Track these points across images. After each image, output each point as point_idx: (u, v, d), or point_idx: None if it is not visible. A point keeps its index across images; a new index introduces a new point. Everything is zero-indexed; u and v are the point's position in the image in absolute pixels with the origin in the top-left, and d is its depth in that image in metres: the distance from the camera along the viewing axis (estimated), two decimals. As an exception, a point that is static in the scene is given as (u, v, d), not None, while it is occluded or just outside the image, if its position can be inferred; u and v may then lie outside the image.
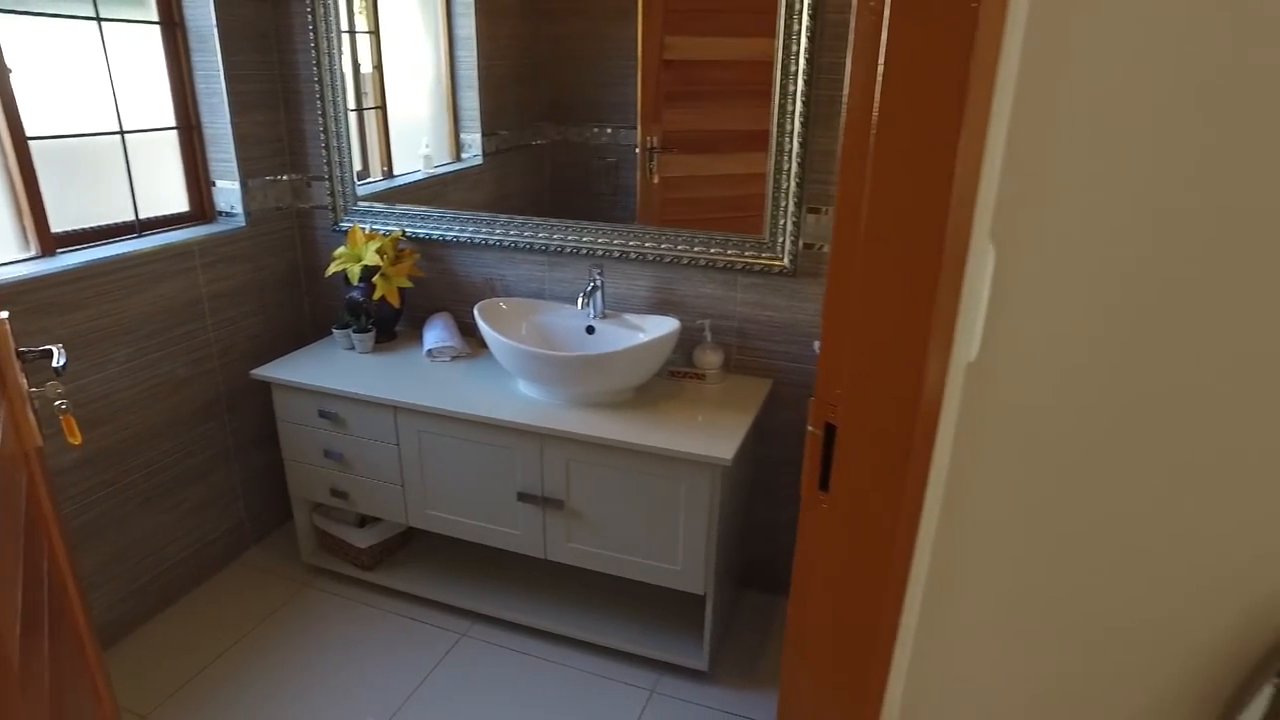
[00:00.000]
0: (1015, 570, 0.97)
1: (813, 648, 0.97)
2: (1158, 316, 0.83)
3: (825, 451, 0.87)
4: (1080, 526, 0.93)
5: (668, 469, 1.79)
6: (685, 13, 2.24)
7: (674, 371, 2.09)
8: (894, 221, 0.74)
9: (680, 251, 2.09)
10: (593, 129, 2.33)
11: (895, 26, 0.71)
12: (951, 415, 0.84)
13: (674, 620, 2.13)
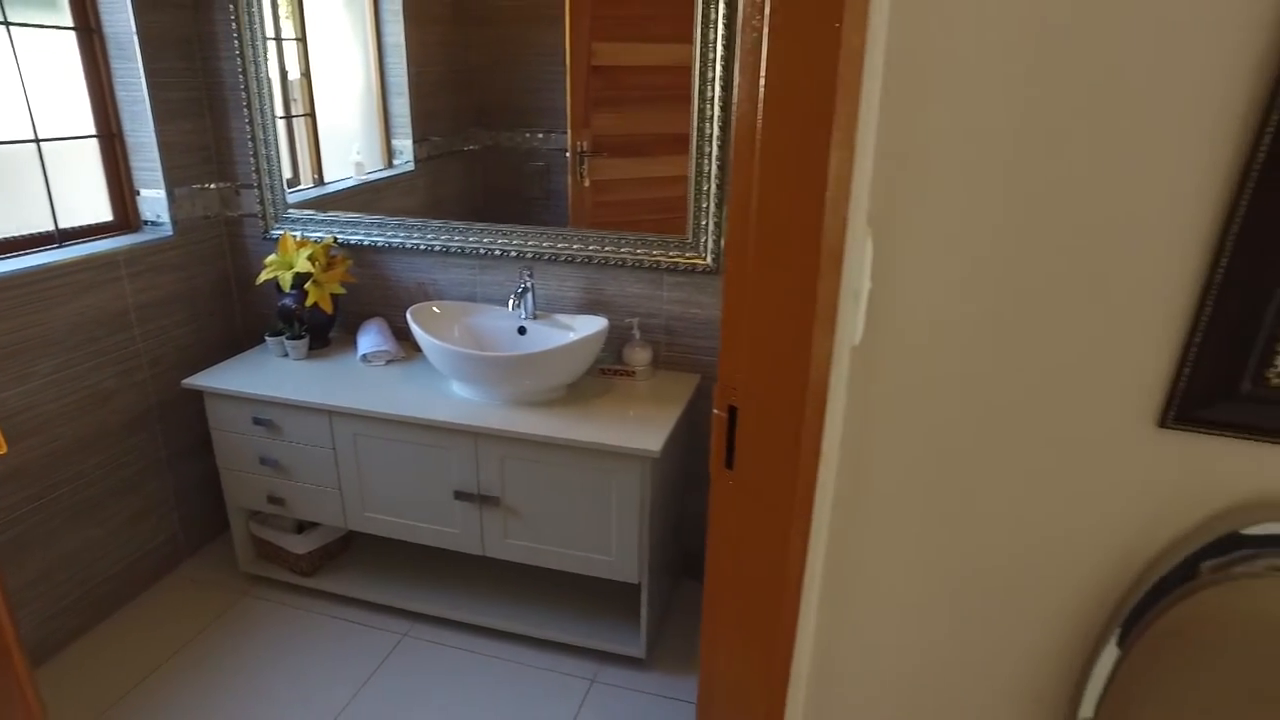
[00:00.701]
0: (906, 532, 1.06)
1: (726, 615, 1.05)
2: (1018, 297, 0.93)
3: (729, 432, 0.94)
4: (960, 492, 1.03)
5: (599, 463, 1.85)
6: (611, 19, 2.30)
7: (604, 369, 2.15)
8: (777, 219, 0.82)
9: (608, 252, 2.15)
10: (524, 134, 2.38)
11: (772, 44, 0.79)
12: (840, 393, 0.92)
13: (612, 610, 2.20)
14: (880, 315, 0.97)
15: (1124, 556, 1.02)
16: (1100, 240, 0.90)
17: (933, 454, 1.03)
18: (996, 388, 0.98)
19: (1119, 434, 0.97)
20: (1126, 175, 0.87)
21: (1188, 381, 0.92)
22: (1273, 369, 0.89)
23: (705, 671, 1.11)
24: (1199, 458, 0.95)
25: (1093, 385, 0.96)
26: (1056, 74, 0.85)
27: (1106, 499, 1.00)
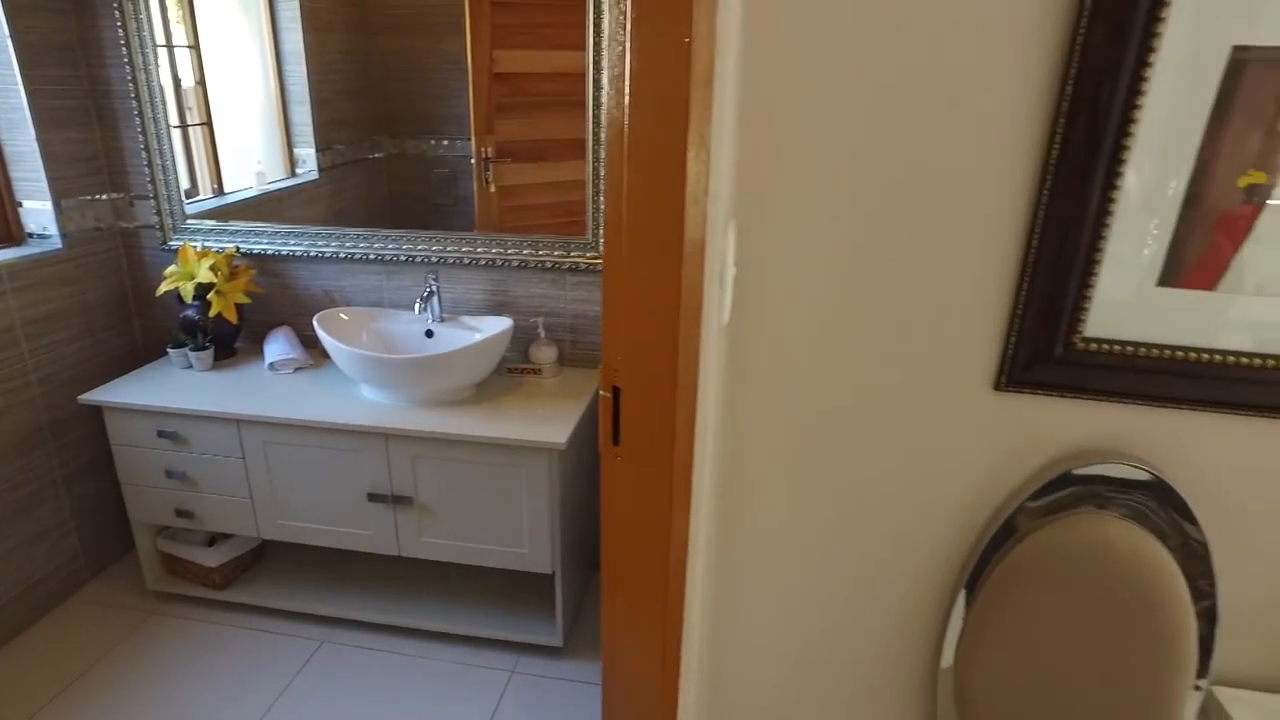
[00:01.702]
0: (781, 497, 1.17)
1: (621, 585, 1.12)
2: (869, 280, 1.05)
3: (614, 411, 1.02)
4: (825, 458, 1.14)
5: (508, 458, 1.91)
6: (510, 28, 2.36)
7: (512, 368, 2.21)
8: (644, 214, 0.90)
9: (512, 255, 2.22)
10: (430, 141, 2.41)
11: (634, 56, 0.87)
12: (714, 369, 1.02)
13: (529, 602, 2.25)
14: (748, 297, 1.07)
15: (972, 509, 1.15)
16: (937, 229, 1.02)
17: (800, 423, 1.13)
18: (854, 361, 1.09)
19: (962, 398, 1.09)
20: (955, 175, 0.99)
21: (1014, 349, 1.05)
22: (1078, 335, 1.03)
23: (605, 643, 1.19)
24: (1029, 415, 1.09)
25: (938, 356, 1.08)
26: (893, 86, 0.96)
27: (955, 457, 1.12)
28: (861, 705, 1.30)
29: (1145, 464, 1.06)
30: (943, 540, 1.18)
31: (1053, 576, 1.08)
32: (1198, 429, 1.06)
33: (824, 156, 1.01)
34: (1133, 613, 1.06)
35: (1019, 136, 0.96)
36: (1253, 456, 1.06)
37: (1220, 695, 1.14)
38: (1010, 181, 0.98)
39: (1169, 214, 0.97)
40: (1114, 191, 0.96)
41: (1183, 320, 1.01)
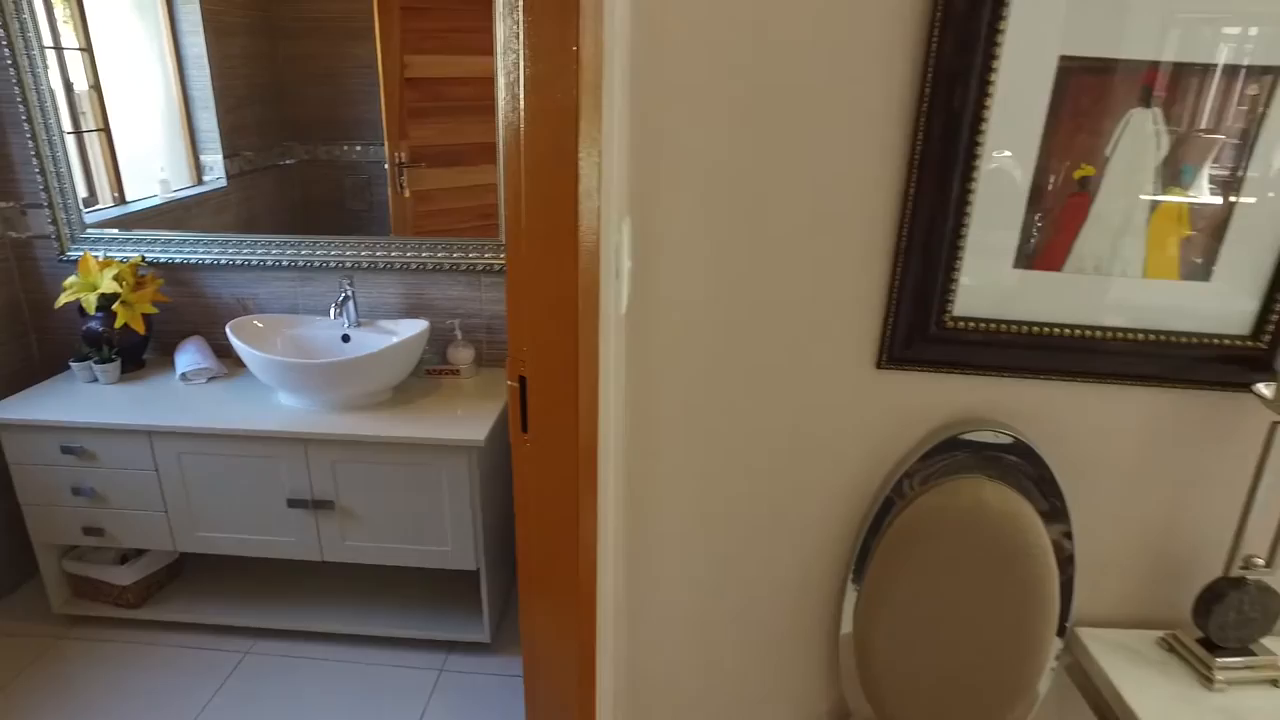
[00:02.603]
0: (686, 479, 1.23)
1: (535, 571, 1.17)
2: (759, 270, 1.12)
3: (521, 399, 1.07)
4: (726, 438, 1.21)
5: (428, 457, 1.93)
6: (420, 32, 2.37)
7: (430, 370, 2.23)
8: (541, 211, 0.96)
9: (427, 258, 2.24)
10: (343, 147, 2.40)
11: (527, 63, 0.93)
12: (614, 357, 1.08)
13: (455, 600, 2.28)
14: (645, 288, 1.14)
15: (862, 480, 1.24)
16: (817, 221, 1.10)
17: (698, 405, 1.21)
18: (747, 346, 1.17)
19: (848, 377, 1.18)
20: (832, 171, 1.08)
21: (893, 330, 1.14)
22: (948, 315, 1.12)
23: (524, 631, 1.23)
24: (909, 390, 1.18)
25: (824, 339, 1.16)
26: (772, 91, 1.04)
27: (843, 432, 1.21)
28: (771, 673, 1.38)
29: (1012, 430, 1.17)
30: (837, 511, 1.26)
31: (936, 537, 1.18)
32: (1055, 397, 1.17)
33: (711, 155, 1.08)
34: (1005, 564, 1.17)
35: (887, 135, 1.06)
36: (1100, 420, 1.18)
37: (1081, 634, 1.26)
38: (881, 176, 1.07)
39: (1019, 204, 1.07)
40: (971, 184, 1.06)
41: (1037, 299, 1.12)
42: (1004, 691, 1.23)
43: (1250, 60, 1.00)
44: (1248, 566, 1.15)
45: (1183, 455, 1.20)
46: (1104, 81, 1.02)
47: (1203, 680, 1.17)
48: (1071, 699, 1.29)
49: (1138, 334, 1.13)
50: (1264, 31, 0.99)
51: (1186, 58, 1.00)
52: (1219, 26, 0.99)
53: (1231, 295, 1.12)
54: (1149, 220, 1.08)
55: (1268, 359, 1.12)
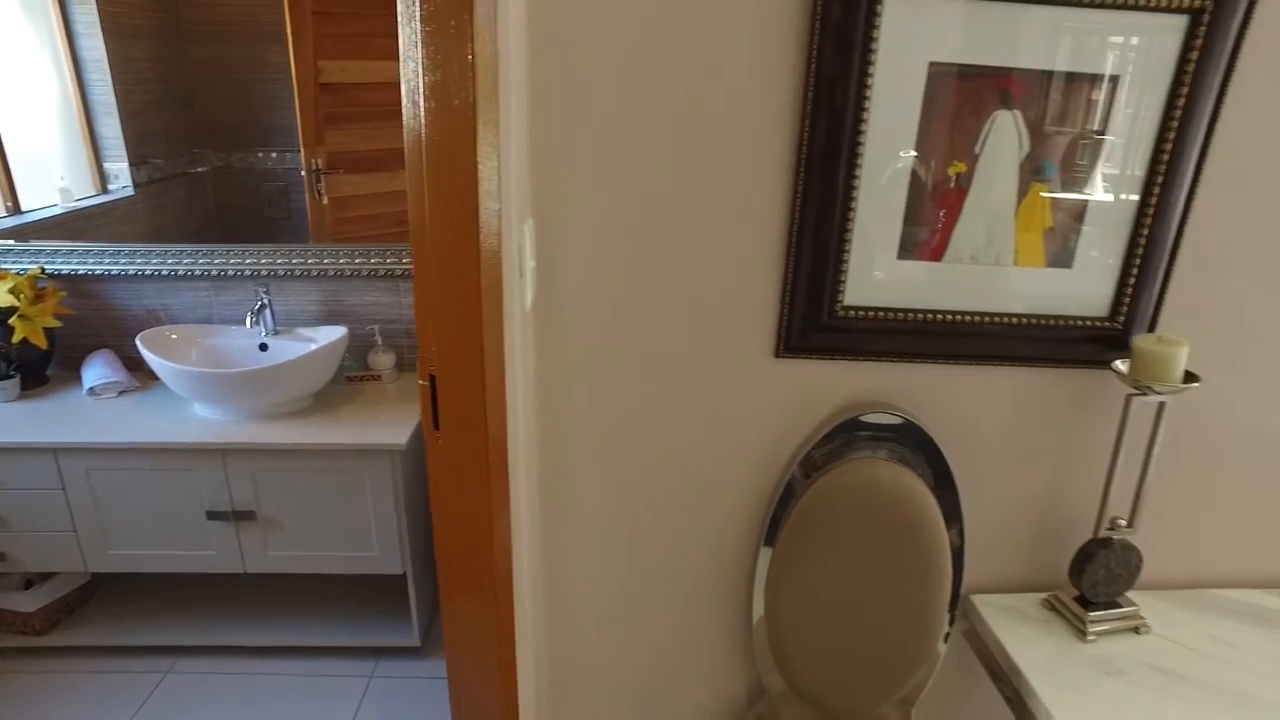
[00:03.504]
0: (599, 467, 1.28)
1: (453, 569, 1.20)
2: (662, 267, 1.17)
3: (432, 397, 1.09)
4: (635, 428, 1.26)
5: (350, 463, 1.93)
6: (334, 37, 2.35)
7: (351, 376, 2.22)
8: (443, 213, 0.99)
9: (344, 264, 2.23)
10: (258, 154, 2.36)
11: (426, 73, 0.96)
12: (520, 352, 1.11)
13: (384, 605, 2.27)
14: (552, 284, 1.18)
15: (765, 465, 1.30)
16: (715, 218, 1.16)
17: (607, 399, 1.25)
18: (651, 339, 1.22)
19: (749, 367, 1.24)
20: (726, 170, 1.14)
21: (788, 320, 1.21)
22: (839, 304, 1.20)
23: (447, 628, 1.25)
24: (807, 377, 1.25)
25: (725, 331, 1.22)
26: (666, 94, 1.09)
27: (746, 420, 1.27)
28: (690, 655, 1.43)
29: (902, 412, 1.25)
30: (745, 496, 1.32)
31: (836, 515, 1.25)
32: (941, 379, 1.26)
33: (609, 158, 1.13)
34: (900, 538, 1.25)
35: (776, 137, 1.12)
36: (982, 399, 1.27)
37: (974, 600, 1.35)
38: (772, 176, 1.14)
39: (900, 199, 1.15)
40: (855, 180, 1.13)
41: (920, 288, 1.20)
42: (906, 656, 1.31)
43: (1091, 69, 1.10)
44: (1113, 528, 1.25)
45: (1056, 429, 1.30)
46: (969, 85, 1.10)
47: (1078, 634, 1.27)
48: (970, 661, 1.38)
49: (1012, 318, 1.22)
50: (1100, 43, 1.09)
51: (1037, 65, 1.09)
52: (1061, 38, 1.08)
53: (1091, 281, 1.22)
54: (1017, 213, 1.17)
55: (1123, 338, 1.23)
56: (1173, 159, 1.14)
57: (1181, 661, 1.23)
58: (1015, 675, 1.22)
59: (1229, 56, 1.10)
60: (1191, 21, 1.08)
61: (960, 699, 1.47)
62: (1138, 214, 1.18)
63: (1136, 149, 1.15)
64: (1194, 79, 1.10)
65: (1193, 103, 1.12)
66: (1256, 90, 1.13)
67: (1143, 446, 1.22)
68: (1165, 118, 1.13)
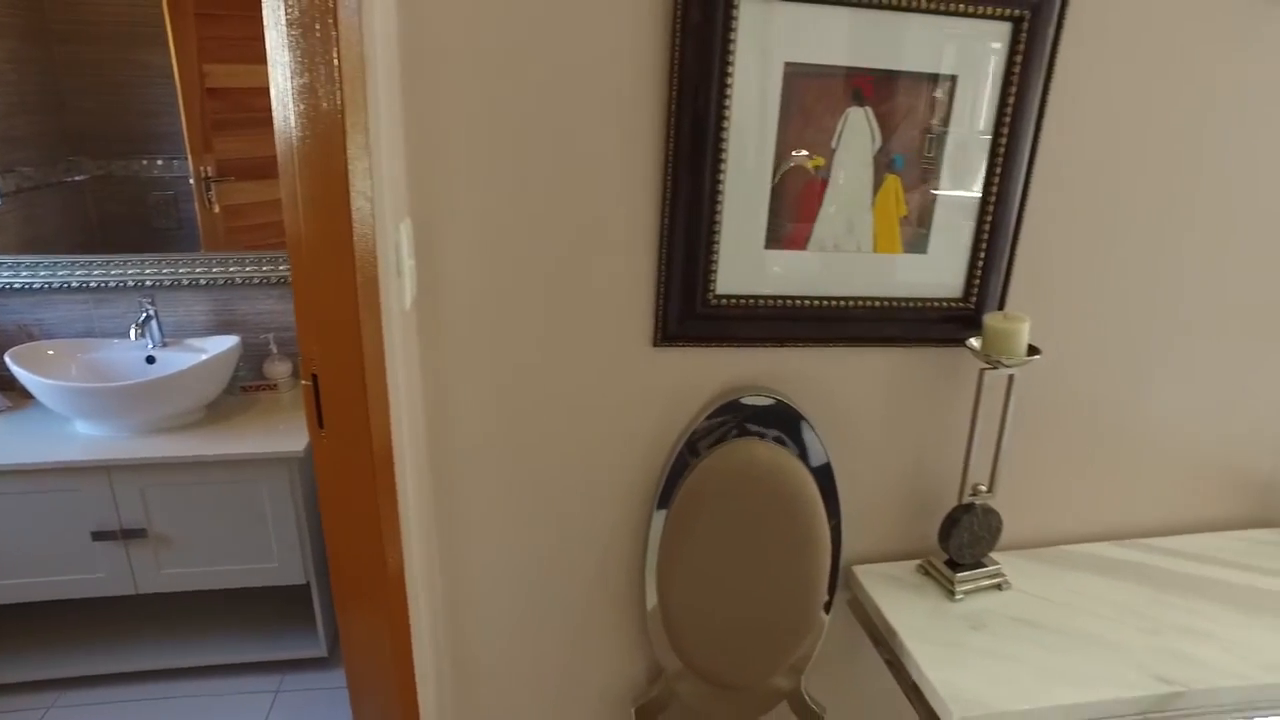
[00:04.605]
0: (495, 454, 1.30)
1: (344, 565, 1.20)
2: (544, 262, 1.21)
3: (316, 397, 1.10)
4: (528, 413, 1.29)
5: (247, 473, 1.89)
6: (219, 40, 2.29)
7: (246, 386, 2.18)
8: (317, 215, 1.00)
9: (235, 272, 2.18)
10: (142, 161, 2.27)
11: (295, 76, 0.96)
12: (401, 351, 1.13)
13: (289, 616, 2.23)
14: (436, 283, 1.20)
15: (651, 452, 1.35)
16: (590, 215, 1.20)
17: (495, 394, 1.28)
18: (536, 333, 1.25)
19: (630, 357, 1.29)
20: (599, 168, 1.18)
21: (665, 310, 1.26)
22: (712, 293, 1.25)
23: (343, 631, 1.25)
24: (685, 364, 1.30)
25: (606, 323, 1.26)
26: (538, 96, 1.13)
27: (630, 409, 1.32)
28: (590, 643, 1.46)
29: (777, 394, 1.32)
30: (633, 483, 1.37)
31: (719, 496, 1.31)
32: (813, 361, 1.33)
33: (485, 157, 1.15)
34: (780, 514, 1.32)
35: (645, 134, 1.17)
36: (852, 379, 1.35)
37: (855, 570, 1.43)
38: (643, 172, 1.19)
39: (764, 192, 1.22)
40: (721, 175, 1.19)
41: (787, 276, 1.27)
42: (791, 628, 1.38)
43: (932, 69, 1.19)
44: (975, 494, 1.35)
45: (922, 405, 1.39)
46: (824, 84, 1.18)
47: (948, 594, 1.37)
48: (855, 629, 1.46)
49: (875, 301, 1.31)
50: (938, 46, 1.18)
51: (884, 65, 1.18)
52: (903, 41, 1.17)
53: (944, 265, 1.31)
54: (873, 203, 1.26)
55: (976, 317, 1.33)
56: (1008, 152, 1.25)
57: (1038, 612, 1.34)
58: (891, 637, 1.30)
59: (1048, 59, 1.21)
60: (1014, 27, 1.18)
61: (847, 665, 1.56)
62: (982, 202, 1.28)
63: (977, 142, 1.25)
64: (1020, 79, 1.21)
65: (1021, 101, 1.22)
66: (1073, 89, 1.24)
67: (997, 417, 1.33)
68: (999, 114, 1.23)
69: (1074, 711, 1.16)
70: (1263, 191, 1.38)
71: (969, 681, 1.18)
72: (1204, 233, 1.39)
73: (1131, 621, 1.32)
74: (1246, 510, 1.61)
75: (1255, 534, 1.59)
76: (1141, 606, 1.36)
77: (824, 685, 1.54)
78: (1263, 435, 1.56)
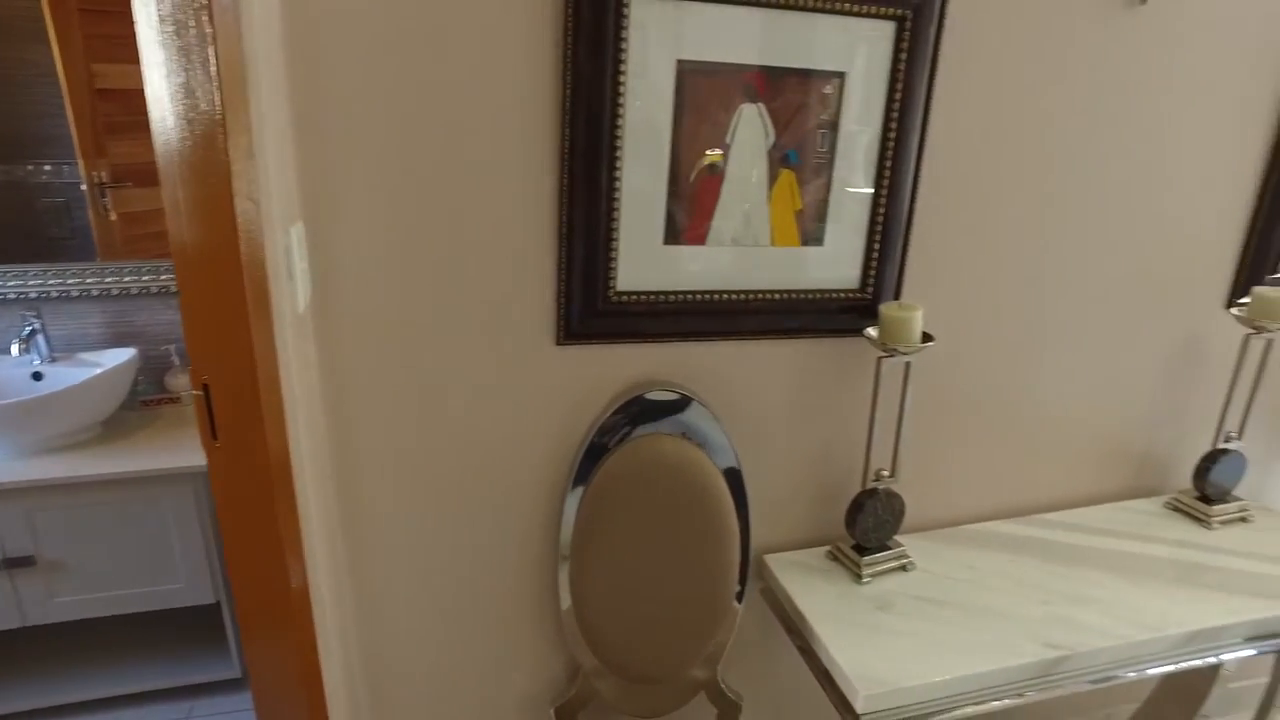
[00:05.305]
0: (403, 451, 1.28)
1: (245, 578, 1.17)
2: (443, 264, 1.19)
3: (208, 407, 1.06)
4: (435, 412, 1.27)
5: (147, 491, 1.81)
6: (107, 39, 2.18)
7: (146, 400, 2.09)
8: (201, 220, 0.97)
9: (131, 282, 2.09)
10: (26, 166, 2.15)
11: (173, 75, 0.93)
12: (293, 353, 1.10)
13: (199, 638, 2.14)
14: (331, 287, 1.17)
15: (559, 451, 1.35)
16: (490, 215, 1.20)
17: (399, 397, 1.26)
18: (438, 335, 1.24)
19: (533, 356, 1.28)
20: (496, 168, 1.17)
21: (566, 309, 1.26)
22: (612, 290, 1.26)
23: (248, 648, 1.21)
24: (589, 362, 1.31)
25: (509, 323, 1.26)
26: (432, 98, 1.11)
27: (537, 410, 1.31)
28: (507, 646, 1.45)
29: (682, 389, 1.33)
30: (540, 486, 1.36)
31: (627, 492, 1.32)
32: (717, 355, 1.35)
33: (380, 160, 1.13)
34: (689, 508, 1.33)
35: (541, 134, 1.17)
36: (757, 372, 1.38)
37: (767, 560, 1.46)
38: (540, 172, 1.19)
39: (660, 188, 1.23)
40: (617, 172, 1.20)
41: (687, 271, 1.29)
42: (705, 619, 1.40)
43: (821, 66, 1.23)
44: (878, 479, 1.40)
45: (825, 394, 1.43)
46: (717, 82, 1.20)
47: (855, 578, 1.41)
48: (768, 617, 1.49)
49: (775, 294, 1.34)
50: (827, 44, 1.22)
51: (774, 62, 1.21)
52: (793, 38, 1.20)
53: (841, 257, 1.35)
54: (769, 197, 1.29)
55: (873, 306, 1.37)
56: (898, 146, 1.30)
57: (940, 589, 1.39)
58: (801, 622, 1.33)
59: (931, 57, 1.26)
60: (898, 26, 1.23)
61: (763, 653, 1.59)
62: (874, 195, 1.33)
63: (867, 137, 1.29)
64: (906, 76, 1.26)
65: (908, 97, 1.27)
66: (956, 86, 1.30)
67: (896, 403, 1.37)
68: (888, 110, 1.28)
69: (971, 681, 1.21)
70: (1131, 185, 1.47)
71: (875, 660, 1.22)
72: (1078, 224, 1.47)
73: (1026, 593, 1.39)
74: (1126, 482, 1.71)
75: (1134, 504, 1.69)
76: (1035, 578, 1.43)
77: (741, 674, 1.57)
78: (1135, 412, 1.66)
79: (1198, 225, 1.56)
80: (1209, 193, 1.54)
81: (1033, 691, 1.25)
